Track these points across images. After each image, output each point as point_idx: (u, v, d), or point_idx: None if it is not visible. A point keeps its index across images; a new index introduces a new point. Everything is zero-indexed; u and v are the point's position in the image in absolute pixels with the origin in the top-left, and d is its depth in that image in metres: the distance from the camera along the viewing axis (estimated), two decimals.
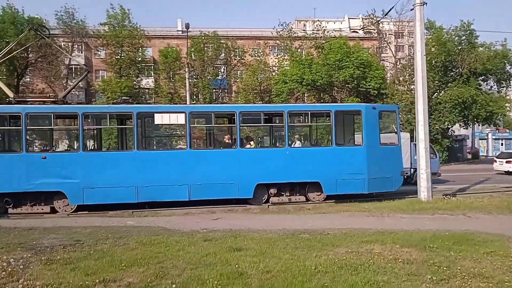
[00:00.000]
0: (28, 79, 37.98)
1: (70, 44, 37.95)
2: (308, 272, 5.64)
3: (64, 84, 37.65)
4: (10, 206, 12.42)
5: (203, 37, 37.70)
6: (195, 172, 12.97)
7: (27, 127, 12.49)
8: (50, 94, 14.80)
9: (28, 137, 13.07)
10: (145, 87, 40.29)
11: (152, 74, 41.77)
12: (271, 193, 13.74)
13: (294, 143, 14.74)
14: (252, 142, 14.92)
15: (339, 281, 5.31)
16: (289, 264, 6.01)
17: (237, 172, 13.14)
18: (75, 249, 7.15)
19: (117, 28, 35.99)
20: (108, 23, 36.40)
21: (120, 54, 36.94)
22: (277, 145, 16.23)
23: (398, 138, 14.52)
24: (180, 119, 13.38)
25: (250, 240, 7.66)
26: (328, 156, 13.71)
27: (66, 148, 14.01)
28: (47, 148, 15.20)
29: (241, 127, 13.68)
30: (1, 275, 5.50)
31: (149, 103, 36.10)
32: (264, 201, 13.68)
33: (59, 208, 12.65)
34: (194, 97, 38.20)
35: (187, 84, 29.98)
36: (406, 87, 35.89)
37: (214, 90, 39.92)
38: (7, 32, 32.98)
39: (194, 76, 37.69)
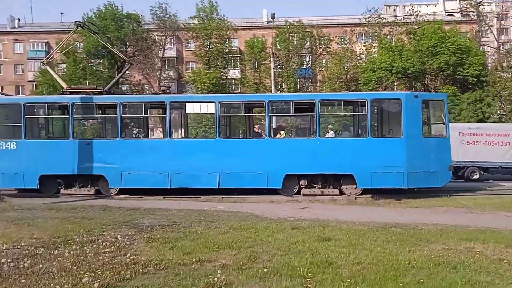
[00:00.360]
0: (127, 72, 41.00)
1: (163, 37, 40.16)
2: (401, 267, 5.43)
3: (158, 76, 40.07)
4: (62, 187, 13.73)
5: (288, 27, 37.65)
6: (225, 160, 13.05)
7: (73, 116, 13.64)
8: (99, 87, 15.06)
9: (74, 125, 14.16)
10: (232, 77, 41.39)
11: (239, 65, 42.77)
12: (302, 185, 13.37)
13: (326, 134, 14.13)
14: (282, 132, 14.59)
15: (436, 278, 5.05)
16: (381, 257, 5.84)
17: (265, 162, 12.97)
18: (172, 229, 7.63)
19: (205, 21, 37.40)
20: (198, 16, 37.99)
21: (208, 46, 38.32)
22: (308, 135, 15.46)
23: (447, 129, 13.20)
24: (210, 108, 13.59)
25: (338, 231, 7.57)
26: (363, 147, 13.01)
27: (109, 135, 14.71)
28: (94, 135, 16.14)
29: (269, 116, 13.50)
30: (110, 249, 6.07)
31: (235, 93, 37.01)
32: (295, 192, 13.40)
33: (105, 191, 13.64)
34: (279, 86, 38.44)
35: (272, 74, 30.18)
36: (511, 74, 32.65)
37: (298, 80, 39.80)
38: (108, 28, 35.81)
39: (279, 66, 37.85)
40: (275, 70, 32.08)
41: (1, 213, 9.68)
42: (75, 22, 15.50)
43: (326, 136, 13.83)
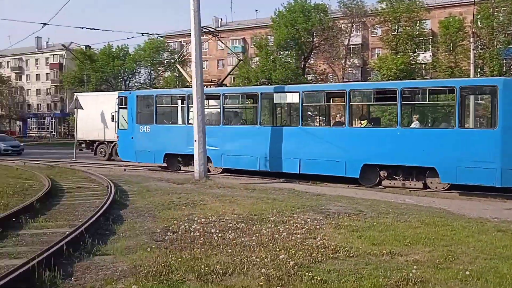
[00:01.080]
0: (312, 61, 42.22)
1: (349, 25, 39.86)
2: None
3: (343, 64, 40.03)
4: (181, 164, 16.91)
5: (493, 1, 32.77)
6: (306, 147, 13.64)
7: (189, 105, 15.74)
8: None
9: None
10: (422, 62, 38.44)
11: (430, 48, 39.42)
12: (382, 176, 12.88)
13: (412, 123, 13.11)
14: (363, 121, 14.15)
15: None
16: None
17: (344, 151, 13.03)
18: (359, 218, 7.56)
19: (394, 4, 35.51)
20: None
21: (397, 30, 36.37)
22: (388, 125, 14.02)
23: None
24: (294, 98, 14.11)
25: None
26: (448, 139, 11.86)
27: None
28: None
29: (350, 105, 13.34)
30: (301, 231, 6.38)
31: (426, 79, 34.28)
32: (375, 183, 12.98)
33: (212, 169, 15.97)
34: (479, 70, 33.97)
35: (472, 56, 26.83)
36: None
37: (504, 61, 34.40)
38: (297, 21, 37.33)
39: (479, 47, 33.40)
40: (475, 52, 28.45)
41: (208, 190, 11.20)
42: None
43: (409, 126, 13.06)
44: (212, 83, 17.60)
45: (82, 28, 19.11)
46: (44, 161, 19.95)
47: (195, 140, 13.06)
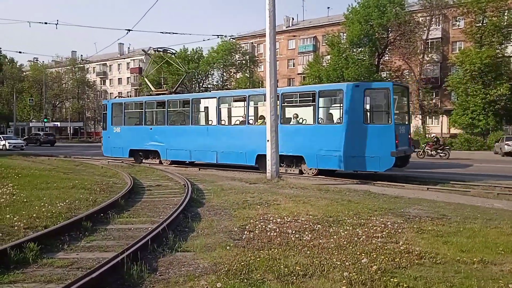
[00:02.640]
0: (387, 58, 40.65)
1: (428, 18, 37.83)
2: None
3: (420, 60, 38.08)
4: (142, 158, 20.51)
5: None
6: (220, 142, 17.17)
7: (146, 110, 20.08)
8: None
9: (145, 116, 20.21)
10: (510, 55, 35.41)
11: None
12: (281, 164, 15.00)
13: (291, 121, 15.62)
14: (260, 120, 16.42)
15: None
16: None
17: (244, 144, 16.47)
18: (443, 223, 7.09)
19: None
20: None
21: (481, 21, 33.85)
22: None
23: (391, 117, 13.36)
24: (213, 102, 17.92)
25: None
26: (310, 133, 14.82)
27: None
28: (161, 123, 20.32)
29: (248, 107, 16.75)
30: (381, 234, 6.12)
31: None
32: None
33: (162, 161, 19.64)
34: None
35: None
36: None
37: None
38: (371, 16, 36.15)
39: None
40: None
41: (281, 190, 11.18)
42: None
43: (289, 124, 15.61)
44: (166, 91, 22.17)
45: (162, 32, 20.08)
46: (126, 160, 21.20)
47: (268, 140, 13.11)
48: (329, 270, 4.52)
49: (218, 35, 29.48)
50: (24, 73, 77.70)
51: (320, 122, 14.74)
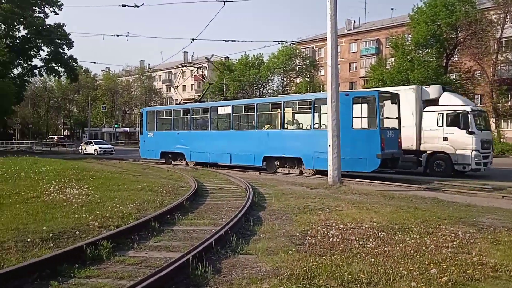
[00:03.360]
0: (456, 59, 38.57)
1: (502, 15, 35.44)
2: None
3: (494, 60, 35.74)
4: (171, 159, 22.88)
5: None
6: (234, 145, 19.21)
7: (174, 117, 23.06)
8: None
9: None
10: None
11: None
12: (277, 164, 17.83)
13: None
14: (267, 125, 18.94)
15: None
16: None
17: (253, 147, 18.42)
18: None
19: None
20: None
21: None
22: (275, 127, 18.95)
23: (376, 122, 14.59)
24: (228, 110, 19.97)
25: None
26: (307, 137, 16.62)
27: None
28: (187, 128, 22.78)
29: (257, 115, 18.73)
30: (452, 244, 5.80)
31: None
32: (275, 170, 17.90)
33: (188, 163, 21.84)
34: None
35: None
36: None
37: None
38: (438, 16, 34.53)
39: None
40: None
41: (343, 196, 10.98)
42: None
43: (288, 129, 17.63)
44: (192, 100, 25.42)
45: (224, 40, 20.49)
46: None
47: (329, 145, 12.95)
48: (395, 280, 4.36)
49: (279, 41, 29.63)
50: (97, 82, 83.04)
51: (316, 127, 16.39)
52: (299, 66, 51.83)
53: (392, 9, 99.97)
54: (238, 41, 21.52)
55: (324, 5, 12.79)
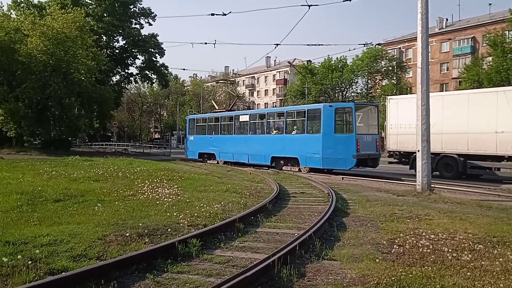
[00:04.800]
0: None
1: None
2: None
3: None
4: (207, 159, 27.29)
5: None
6: (251, 147, 23.36)
7: (208, 123, 27.81)
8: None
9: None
10: None
11: None
12: (282, 163, 21.55)
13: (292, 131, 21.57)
14: (275, 131, 22.61)
15: None
16: None
17: (264, 148, 22.45)
18: None
19: None
20: None
21: None
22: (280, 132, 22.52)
23: (353, 129, 18.01)
24: (246, 117, 24.52)
25: None
26: (302, 140, 20.16)
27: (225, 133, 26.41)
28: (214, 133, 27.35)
29: (268, 122, 23.27)
30: None
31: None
32: (281, 168, 21.37)
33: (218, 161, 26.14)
34: None
35: None
36: None
37: None
38: None
39: None
40: None
41: (433, 204, 10.37)
42: None
43: (291, 133, 21.31)
44: (224, 109, 30.38)
45: (308, 45, 21.36)
46: (271, 167, 22.16)
47: (418, 150, 12.30)
48: None
49: (364, 44, 28.72)
50: (185, 87, 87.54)
51: (309, 132, 20.04)
52: (385, 68, 49.92)
53: (490, 4, 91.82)
54: (322, 45, 22.06)
55: (413, 4, 12.34)
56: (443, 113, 17.78)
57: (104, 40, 44.38)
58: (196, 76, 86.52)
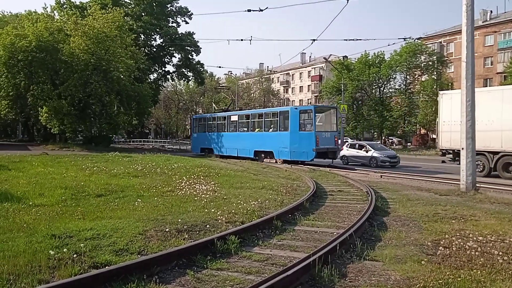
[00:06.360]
0: None
1: None
2: None
3: None
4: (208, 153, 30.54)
5: None
6: (238, 143, 27.43)
7: (207, 122, 32.14)
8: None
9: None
10: None
11: None
12: (262, 156, 25.06)
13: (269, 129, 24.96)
14: (257, 129, 25.98)
15: None
16: None
17: (248, 143, 26.36)
18: None
19: None
20: None
21: None
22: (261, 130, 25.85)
23: (313, 127, 21.72)
24: (235, 117, 28.56)
25: None
26: (276, 137, 23.75)
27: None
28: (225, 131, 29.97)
29: (252, 121, 26.93)
30: None
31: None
32: (262, 160, 24.63)
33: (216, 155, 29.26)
34: None
35: None
36: None
37: None
38: None
39: None
40: None
41: (478, 204, 9.93)
42: None
43: (268, 131, 24.85)
44: (222, 108, 35.27)
45: (345, 40, 20.44)
46: (307, 164, 21.97)
47: (462, 148, 11.81)
48: None
49: (404, 38, 27.77)
50: (220, 85, 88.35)
51: (281, 130, 23.50)
52: (425, 63, 48.32)
53: None
54: (360, 39, 21.26)
55: None
56: (503, 109, 16.62)
57: (142, 39, 45.33)
58: (231, 73, 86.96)
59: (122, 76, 33.28)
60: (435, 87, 44.14)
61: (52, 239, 5.50)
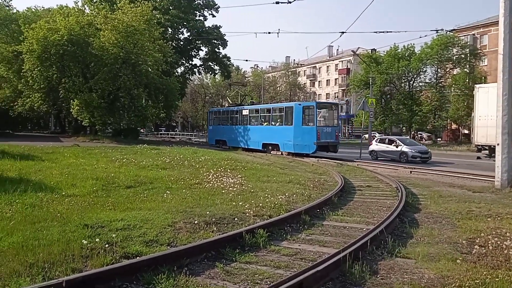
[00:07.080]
0: None
1: None
2: None
3: None
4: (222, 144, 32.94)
5: None
6: (247, 135, 29.54)
7: (222, 116, 34.58)
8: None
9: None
10: None
11: None
12: (269, 148, 26.55)
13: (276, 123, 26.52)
14: (265, 123, 27.80)
15: None
16: None
17: (258, 136, 28.22)
18: None
19: None
20: None
21: None
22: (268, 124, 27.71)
23: (314, 122, 23.11)
24: (246, 112, 30.15)
25: None
26: (281, 130, 25.37)
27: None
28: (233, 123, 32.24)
29: (260, 115, 29.07)
30: None
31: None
32: (269, 152, 26.33)
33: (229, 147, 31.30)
34: None
35: None
36: None
37: None
38: None
39: None
40: None
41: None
42: None
43: (275, 125, 26.51)
44: (234, 104, 36.01)
45: (376, 32, 19.86)
46: (333, 159, 21.73)
47: (497, 144, 11.40)
48: None
49: (436, 30, 27.08)
50: (246, 78, 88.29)
51: (286, 124, 25.01)
52: (457, 56, 46.84)
53: None
54: (390, 32, 21.10)
55: None
56: None
57: (170, 32, 45.73)
58: (257, 66, 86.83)
59: (150, 70, 33.73)
60: (467, 81, 42.82)
61: (85, 229, 5.61)
